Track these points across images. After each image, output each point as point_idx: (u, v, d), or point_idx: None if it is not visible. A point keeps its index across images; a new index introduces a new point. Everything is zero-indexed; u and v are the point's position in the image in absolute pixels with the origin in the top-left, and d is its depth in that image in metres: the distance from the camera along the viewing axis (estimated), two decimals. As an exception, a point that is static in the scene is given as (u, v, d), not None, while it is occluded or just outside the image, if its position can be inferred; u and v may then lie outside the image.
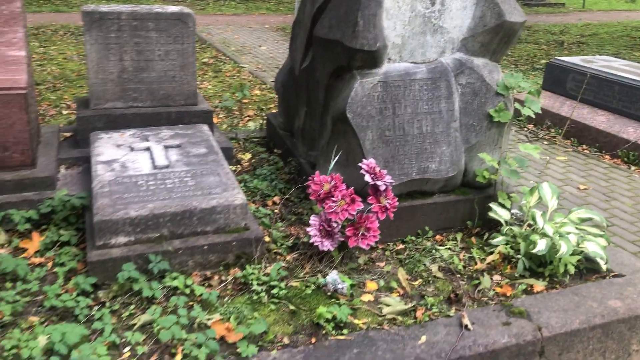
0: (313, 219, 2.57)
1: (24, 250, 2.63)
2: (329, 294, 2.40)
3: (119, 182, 2.65)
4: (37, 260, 2.56)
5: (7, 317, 2.15)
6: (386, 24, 2.81)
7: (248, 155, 3.73)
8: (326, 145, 2.98)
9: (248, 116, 5.32)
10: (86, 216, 2.73)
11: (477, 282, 2.59)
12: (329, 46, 2.88)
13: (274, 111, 4.24)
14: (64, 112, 5.19)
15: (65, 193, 2.85)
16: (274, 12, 14.01)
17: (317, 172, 2.64)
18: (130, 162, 2.85)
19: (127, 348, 2.05)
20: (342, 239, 2.56)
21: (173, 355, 2.02)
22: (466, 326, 2.24)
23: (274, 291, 2.39)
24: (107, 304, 2.26)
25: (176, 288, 2.36)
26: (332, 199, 2.49)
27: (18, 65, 2.92)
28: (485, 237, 2.96)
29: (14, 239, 2.69)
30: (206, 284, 2.45)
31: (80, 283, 2.29)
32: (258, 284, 2.43)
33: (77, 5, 12.24)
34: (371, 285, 2.52)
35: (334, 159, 2.83)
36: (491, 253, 2.79)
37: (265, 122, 4.00)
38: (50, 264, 2.54)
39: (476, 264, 2.74)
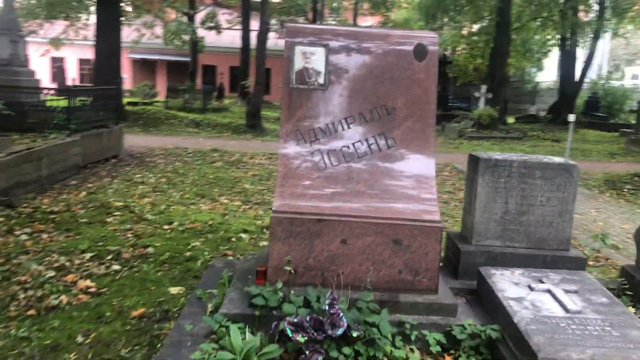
0: None
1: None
2: None
3: (539, 321, 2.78)
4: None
5: None
6: None
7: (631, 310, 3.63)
8: None
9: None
10: (500, 347, 2.87)
11: None
12: None
13: (630, 263, 4.14)
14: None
15: (471, 322, 3.06)
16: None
17: None
18: (539, 302, 2.98)
19: None
20: None
21: None
22: None
23: None
24: None
25: None
26: None
27: (433, 204, 3.35)
28: None
29: (427, 359, 2.94)
30: None
31: (528, 418, 2.38)
32: None
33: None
34: None
35: None
36: None
37: (622, 273, 3.89)
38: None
39: None
